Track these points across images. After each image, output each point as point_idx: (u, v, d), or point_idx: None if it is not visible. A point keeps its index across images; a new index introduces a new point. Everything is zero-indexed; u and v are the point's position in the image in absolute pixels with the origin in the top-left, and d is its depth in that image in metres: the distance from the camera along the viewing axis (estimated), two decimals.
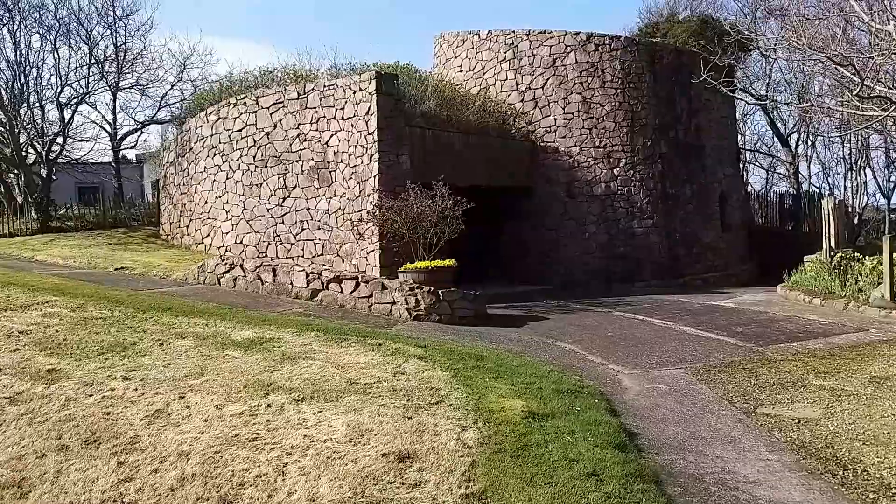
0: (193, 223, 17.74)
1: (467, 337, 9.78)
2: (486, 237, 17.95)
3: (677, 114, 17.88)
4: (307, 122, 15.12)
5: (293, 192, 15.36)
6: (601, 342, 10.01)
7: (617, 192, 17.12)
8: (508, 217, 17.73)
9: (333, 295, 11.30)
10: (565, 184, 17.26)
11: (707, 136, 18.61)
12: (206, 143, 17.26)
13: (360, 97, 14.12)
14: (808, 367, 8.52)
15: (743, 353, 9.37)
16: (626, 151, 17.18)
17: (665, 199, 17.40)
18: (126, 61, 23.44)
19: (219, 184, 16.90)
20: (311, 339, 8.24)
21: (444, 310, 10.81)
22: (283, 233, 15.50)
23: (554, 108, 17.42)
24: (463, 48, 19.11)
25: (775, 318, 11.89)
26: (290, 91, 15.47)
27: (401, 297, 10.79)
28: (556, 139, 17.37)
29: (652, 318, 11.85)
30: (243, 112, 16.32)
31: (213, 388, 6.38)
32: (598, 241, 17.05)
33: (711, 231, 18.34)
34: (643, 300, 14.13)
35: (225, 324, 8.91)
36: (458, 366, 7.42)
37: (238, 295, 11.70)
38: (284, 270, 11.70)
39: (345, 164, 14.44)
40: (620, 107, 17.21)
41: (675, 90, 17.84)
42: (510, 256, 17.62)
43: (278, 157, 15.60)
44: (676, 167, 17.71)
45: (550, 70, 17.48)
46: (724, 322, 11.53)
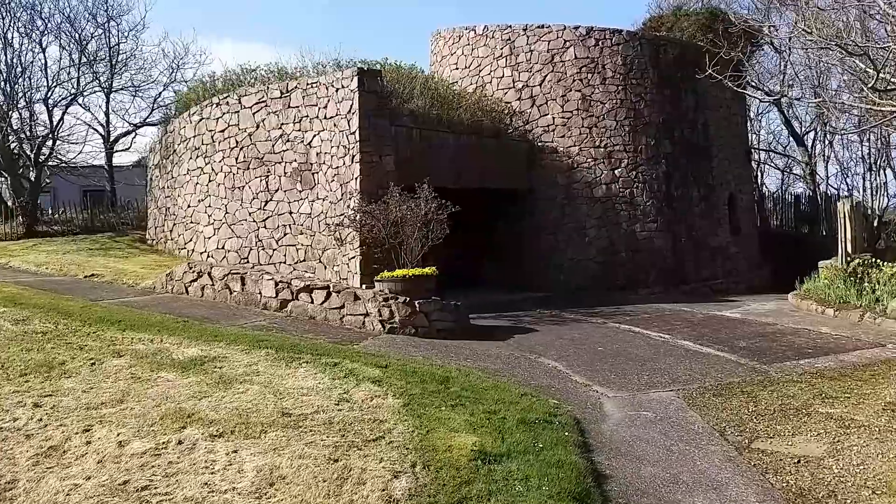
0: (177, 227, 17.10)
1: (441, 353, 8.97)
2: (482, 242, 17.15)
3: (683, 111, 16.94)
4: (290, 122, 14.41)
5: (275, 195, 14.65)
6: (589, 358, 9.15)
7: (618, 195, 16.23)
8: (505, 221, 16.90)
9: (304, 306, 10.55)
10: (564, 186, 16.39)
11: (715, 135, 17.65)
12: (190, 145, 16.62)
13: (343, 95, 13.37)
14: (815, 390, 7.60)
15: (743, 372, 8.47)
16: (628, 151, 16.28)
17: (670, 201, 16.47)
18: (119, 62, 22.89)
19: (201, 187, 16.24)
20: (259, 359, 7.48)
21: (421, 322, 10.01)
22: (265, 238, 14.78)
23: (552, 106, 16.56)
24: (459, 45, 18.32)
25: (783, 330, 10.94)
26: (273, 90, 14.77)
27: (374, 309, 10.01)
28: (554, 139, 16.51)
29: (649, 331, 10.96)
30: (226, 112, 15.65)
31: (127, 418, 5.63)
32: (599, 246, 16.16)
33: (720, 235, 17.37)
34: (643, 309, 13.22)
35: (172, 339, 8.18)
36: (415, 391, 6.62)
37: (203, 305, 10.98)
38: (253, 279, 10.97)
39: (327, 165, 13.70)
40: (622, 104, 16.31)
41: (681, 86, 16.91)
42: (507, 262, 16.78)
43: (261, 158, 14.89)
44: (682, 168, 16.77)
45: (548, 66, 16.62)
46: (726, 335, 10.61)
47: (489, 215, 17.05)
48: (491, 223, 17.08)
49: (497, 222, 17.00)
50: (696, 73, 15.85)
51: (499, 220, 16.96)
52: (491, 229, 17.07)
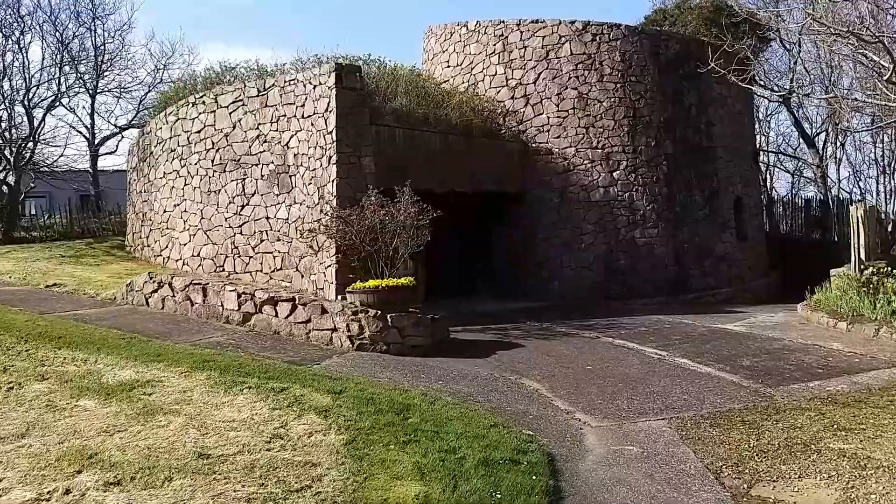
0: (153, 234, 16.34)
1: (410, 373, 8.12)
2: (474, 249, 16.31)
3: (685, 110, 16.05)
4: (267, 122, 13.62)
5: (252, 199, 13.85)
6: (575, 379, 8.28)
7: (617, 198, 15.34)
8: (498, 226, 16.06)
9: (268, 319, 9.73)
10: (559, 189, 15.52)
11: (720, 135, 16.73)
12: (166, 147, 15.87)
13: (320, 92, 12.57)
14: (826, 419, 6.70)
15: (746, 396, 7.58)
16: (626, 153, 15.39)
17: (671, 205, 15.56)
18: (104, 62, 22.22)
19: (177, 190, 15.47)
20: (197, 383, 6.66)
21: (393, 338, 9.17)
22: (241, 244, 13.98)
23: (547, 105, 15.70)
24: (450, 42, 17.51)
25: (791, 347, 10.03)
26: (250, 88, 13.98)
27: (342, 323, 9.18)
28: (549, 139, 15.65)
29: (645, 347, 10.07)
30: (202, 112, 14.88)
31: (20, 459, 4.83)
32: (596, 253, 15.27)
33: (725, 241, 16.44)
34: (641, 322, 12.33)
35: (108, 360, 7.38)
36: (364, 423, 5.78)
37: (160, 318, 10.19)
38: (215, 290, 10.17)
39: (304, 167, 12.90)
40: (621, 103, 15.43)
41: (683, 84, 16.02)
42: (500, 270, 15.94)
43: (237, 160, 14.11)
44: (685, 170, 15.86)
45: (543, 63, 15.78)
46: (729, 352, 9.71)
47: (481, 220, 16.21)
48: (483, 229, 16.24)
49: (489, 228, 16.17)
50: (700, 69, 15.02)
51: (491, 226, 16.13)
52: (483, 235, 16.24)
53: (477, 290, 16.03)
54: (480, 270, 16.28)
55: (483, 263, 16.23)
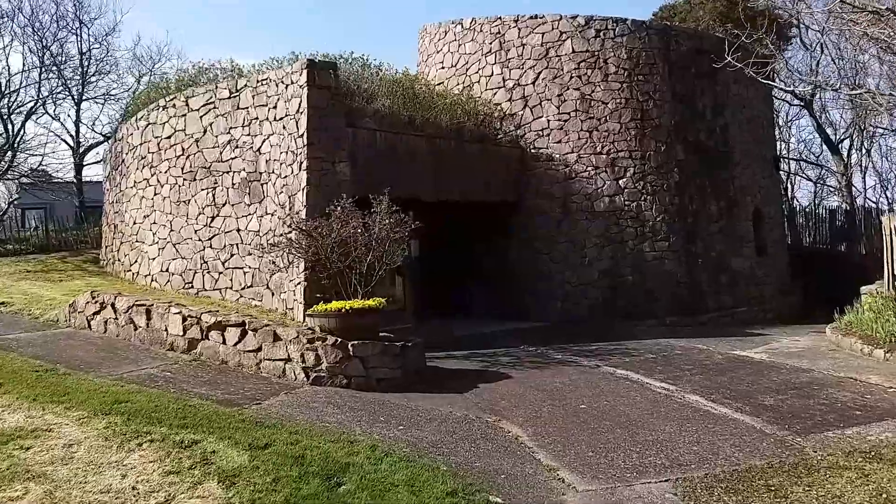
0: (123, 247, 15.24)
1: (368, 416, 6.85)
2: (468, 263, 15.05)
3: (699, 112, 14.71)
4: (239, 126, 12.47)
5: (223, 209, 12.68)
6: (565, 423, 6.97)
7: (623, 208, 14.01)
8: (493, 238, 14.77)
9: (215, 347, 8.51)
10: (560, 198, 14.22)
11: (737, 139, 15.37)
12: (136, 154, 14.78)
13: (292, 92, 11.42)
14: (872, 485, 5.34)
15: (770, 448, 6.22)
16: (634, 158, 14.07)
17: (684, 216, 14.20)
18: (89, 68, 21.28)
19: (146, 201, 14.36)
20: (93, 434, 5.44)
21: (356, 370, 7.91)
22: (211, 259, 12.81)
23: (547, 107, 14.44)
24: (445, 41, 16.33)
25: (822, 380, 8.63)
26: (222, 89, 12.85)
27: (296, 353, 7.93)
28: (549, 144, 14.38)
29: (651, 379, 8.73)
30: (172, 116, 13.77)
31: None
32: (601, 268, 13.93)
33: (743, 255, 15.03)
34: (648, 347, 10.98)
35: (4, 399, 6.17)
36: (278, 497, 4.51)
37: (97, 344, 9.00)
38: (160, 313, 8.97)
39: (276, 174, 11.73)
40: (627, 104, 14.13)
41: (696, 83, 14.70)
42: (496, 286, 14.64)
43: (208, 168, 12.96)
44: (698, 177, 14.51)
45: (543, 62, 14.53)
46: (748, 387, 8.34)
47: (475, 232, 14.95)
48: (477, 242, 14.97)
49: (484, 240, 14.89)
50: (715, 67, 13.70)
51: (486, 238, 14.85)
52: (478, 249, 14.96)
53: (470, 310, 14.75)
54: (475, 287, 14.99)
55: (478, 279, 14.95)
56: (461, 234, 15.00)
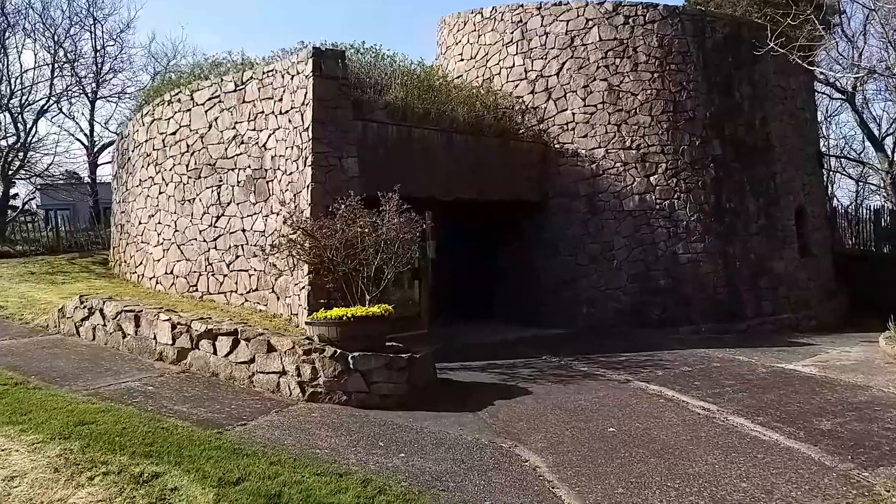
0: (129, 248, 14.66)
1: (364, 441, 6.03)
2: (489, 265, 14.21)
3: (736, 103, 13.68)
4: (245, 120, 11.78)
5: (227, 208, 12.00)
6: (591, 450, 6.09)
7: (655, 207, 13.04)
8: (515, 240, 13.92)
9: (205, 357, 7.78)
10: (586, 196, 13.30)
11: (778, 133, 14.30)
12: (142, 151, 14.19)
13: (298, 83, 10.69)
14: None
15: (833, 486, 5.29)
16: (666, 154, 13.10)
17: (720, 215, 13.19)
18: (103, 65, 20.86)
19: (151, 200, 13.75)
20: (43, 463, 4.72)
21: (356, 385, 7.11)
22: (216, 261, 12.12)
23: (572, 99, 13.53)
24: (464, 32, 15.51)
25: (883, 399, 7.63)
26: (227, 82, 12.15)
27: (291, 365, 7.16)
28: (574, 139, 13.47)
29: (687, 397, 7.80)
30: (177, 111, 13.13)
31: None
32: (631, 272, 12.97)
33: (785, 258, 13.95)
34: (684, 358, 10.03)
35: None
36: None
37: (82, 354, 8.31)
38: (149, 320, 8.26)
39: (282, 171, 11.01)
40: (658, 96, 13.16)
41: (734, 73, 13.67)
42: (519, 290, 13.77)
43: (213, 165, 12.29)
44: (736, 174, 13.48)
45: (567, 52, 13.62)
46: (800, 407, 7.38)
47: (495, 233, 14.11)
48: (497, 243, 14.13)
49: (504, 242, 14.05)
50: (755, 54, 12.71)
51: (506, 240, 14.00)
52: (497, 251, 14.12)
53: (491, 315, 13.90)
54: (495, 291, 14.15)
55: (499, 283, 14.10)
56: (481, 234, 14.18)
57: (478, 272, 14.12)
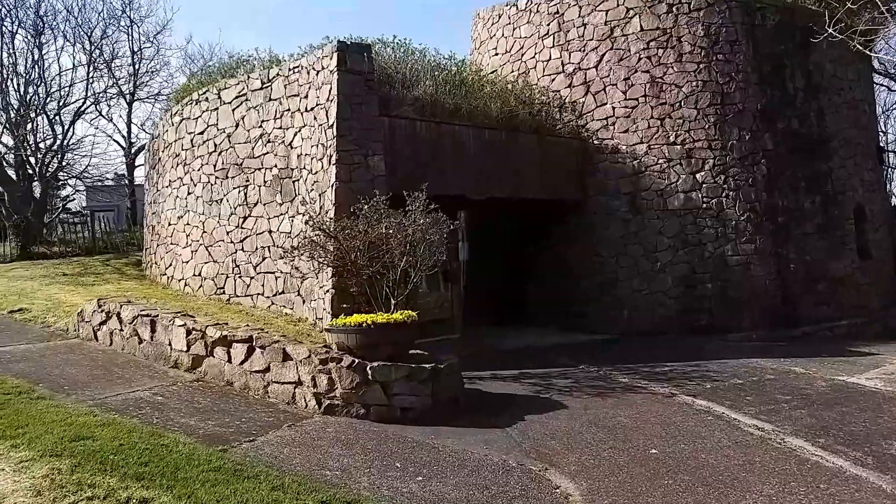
0: (160, 249, 14.50)
1: (379, 461, 5.54)
2: (524, 267, 13.62)
3: (789, 95, 12.81)
4: (271, 119, 11.45)
5: (254, 209, 11.69)
6: (629, 476, 5.48)
7: (702, 206, 12.27)
8: (551, 240, 13.30)
9: (220, 365, 7.40)
10: (628, 195, 12.61)
11: (835, 127, 13.36)
12: (171, 151, 14.01)
13: (322, 78, 10.30)
14: None
15: None
16: (714, 149, 12.32)
17: (773, 214, 12.35)
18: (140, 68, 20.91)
19: (180, 200, 13.55)
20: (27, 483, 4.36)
21: (375, 397, 6.62)
22: (243, 263, 11.83)
23: (612, 93, 12.85)
24: (498, 25, 14.95)
25: None
26: (254, 80, 11.85)
27: (307, 375, 6.72)
28: (614, 135, 12.78)
29: (739, 414, 7.10)
30: (205, 110, 12.90)
31: None
32: (676, 274, 12.23)
33: (843, 260, 13.01)
34: (733, 368, 9.28)
35: None
36: None
37: (95, 360, 8.02)
38: (164, 325, 7.93)
39: (307, 170, 10.64)
40: (705, 88, 12.39)
41: (786, 62, 12.81)
42: (556, 293, 13.14)
43: (240, 164, 12.00)
44: (789, 169, 12.62)
45: (607, 43, 12.95)
46: (866, 427, 6.63)
47: (531, 234, 13.52)
48: (533, 244, 13.52)
49: (541, 243, 13.43)
50: (811, 41, 11.86)
51: (543, 240, 13.39)
52: (533, 252, 13.51)
53: (527, 320, 13.32)
54: (531, 294, 13.54)
55: (535, 286, 13.50)
56: (515, 235, 13.61)
57: (512, 274, 13.56)
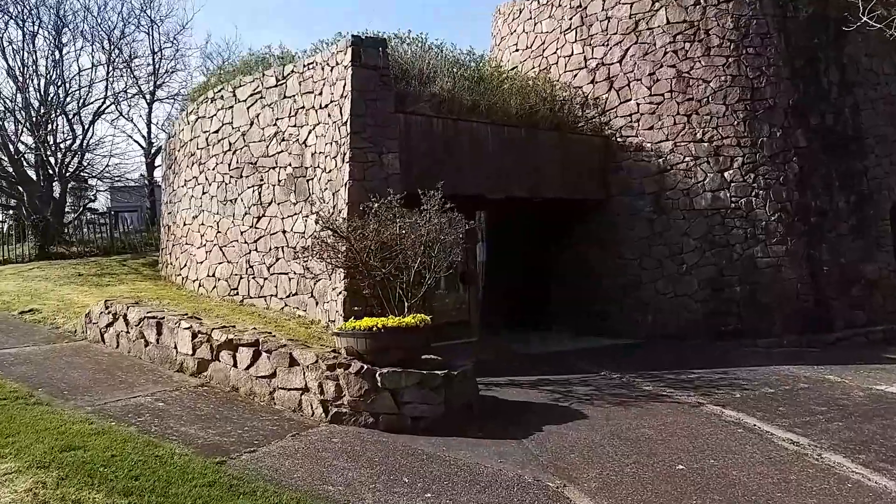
0: (175, 249, 14.35)
1: (386, 475, 5.21)
2: (544, 269, 13.24)
3: (823, 90, 12.26)
4: (285, 117, 11.21)
5: (268, 209, 11.46)
6: (654, 494, 5.10)
7: (730, 206, 11.78)
8: (573, 241, 12.90)
9: (225, 370, 7.14)
10: (653, 194, 12.16)
11: (870, 123, 12.75)
12: (187, 151, 13.85)
13: (337, 74, 10.02)
14: None
15: None
16: (743, 146, 11.83)
17: (805, 214, 11.82)
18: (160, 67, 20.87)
19: (195, 200, 13.38)
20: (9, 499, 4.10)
21: (384, 405, 6.30)
22: (257, 263, 11.60)
23: (636, 88, 12.41)
24: (519, 20, 14.57)
25: None
26: (269, 77, 11.61)
27: (314, 381, 6.42)
28: (638, 132, 12.34)
29: (771, 427, 6.67)
30: (220, 108, 12.70)
31: None
32: (702, 277, 11.76)
33: (879, 261, 12.42)
34: (764, 376, 8.82)
35: None
36: None
37: (101, 363, 7.81)
38: (170, 327, 7.69)
39: (321, 169, 10.37)
40: (734, 82, 11.90)
41: (819, 56, 12.26)
42: (577, 295, 12.72)
43: (254, 163, 11.78)
44: (822, 168, 12.07)
45: (631, 37, 12.51)
46: None
47: (551, 233, 13.12)
48: (554, 244, 13.12)
49: (561, 243, 13.03)
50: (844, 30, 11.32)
51: (564, 241, 12.98)
52: (554, 252, 13.11)
53: (547, 323, 12.93)
54: (552, 296, 13.14)
55: (555, 287, 13.10)
56: (535, 235, 13.22)
57: (532, 276, 13.17)
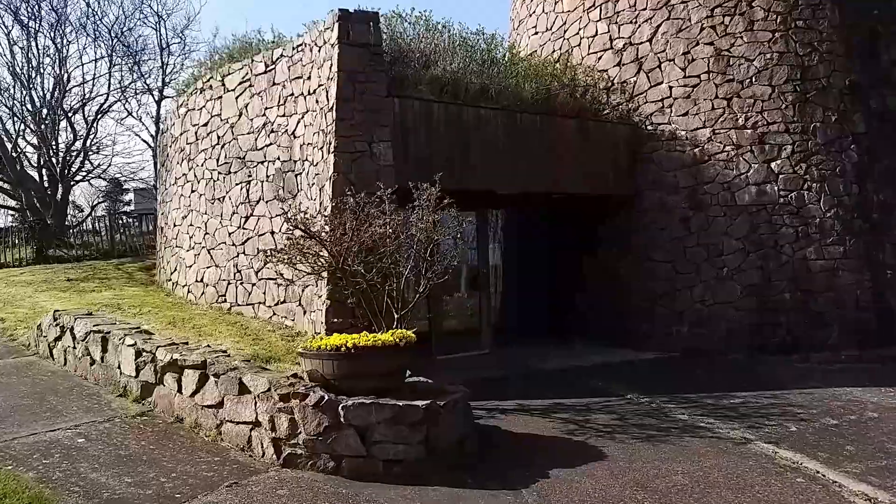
0: (166, 252, 13.37)
1: None
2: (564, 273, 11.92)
3: (884, 69, 10.73)
4: (275, 106, 10.11)
5: (256, 207, 10.36)
6: None
7: (778, 201, 10.31)
8: (597, 241, 11.54)
9: (169, 397, 5.99)
10: (688, 189, 10.75)
11: None
12: (177, 146, 12.85)
13: (324, 54, 8.88)
14: None
15: None
16: (792, 133, 10.35)
17: (866, 210, 10.29)
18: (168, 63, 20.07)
19: (184, 199, 12.36)
20: None
21: (348, 446, 5.07)
22: (244, 267, 10.50)
23: (668, 69, 11.02)
24: (538, 1, 13.27)
25: None
26: (258, 63, 10.51)
27: (265, 414, 5.23)
28: (671, 119, 10.95)
29: (838, 474, 5.27)
30: (209, 99, 11.66)
31: None
32: (745, 282, 10.30)
33: None
34: (823, 402, 7.37)
35: None
36: None
37: (37, 385, 6.72)
38: (115, 344, 6.58)
39: (309, 161, 9.24)
40: (781, 60, 10.43)
41: (880, 30, 10.73)
42: (601, 303, 11.37)
43: (242, 158, 10.69)
44: (885, 158, 10.53)
45: (662, 12, 11.13)
46: None
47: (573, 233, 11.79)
48: (576, 245, 11.78)
49: (585, 244, 11.67)
50: None
51: (587, 241, 11.63)
52: (575, 255, 11.77)
53: (569, 332, 11.58)
54: (573, 304, 11.79)
55: (577, 293, 11.75)
56: (554, 235, 11.93)
57: (555, 280, 11.86)
